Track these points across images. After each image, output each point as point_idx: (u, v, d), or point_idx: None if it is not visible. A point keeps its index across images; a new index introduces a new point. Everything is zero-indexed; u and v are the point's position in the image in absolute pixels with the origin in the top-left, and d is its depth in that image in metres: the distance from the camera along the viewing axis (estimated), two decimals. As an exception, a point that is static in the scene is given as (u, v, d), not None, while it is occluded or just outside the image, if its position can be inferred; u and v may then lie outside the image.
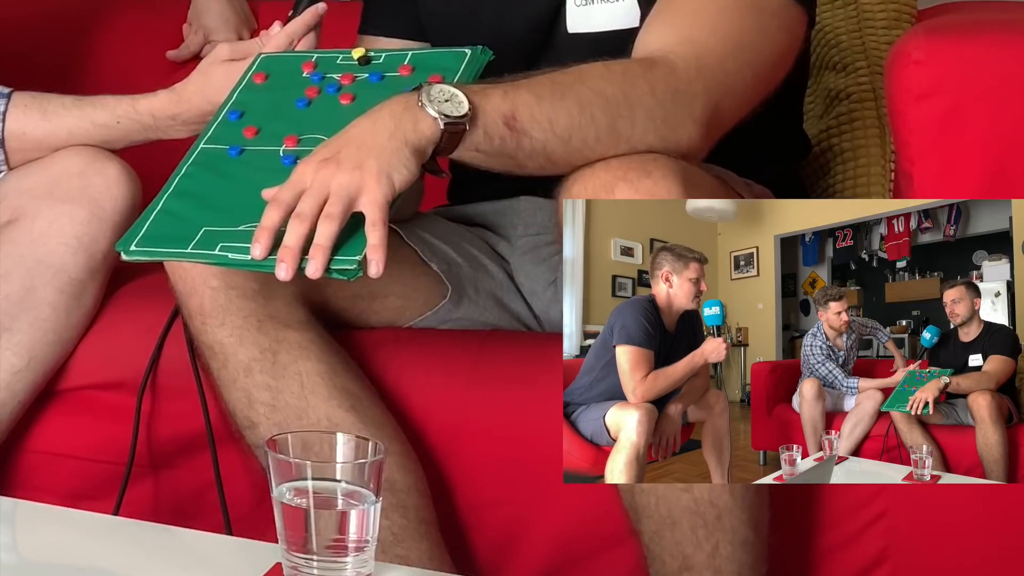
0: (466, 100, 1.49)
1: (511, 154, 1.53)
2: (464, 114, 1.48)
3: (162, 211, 1.60)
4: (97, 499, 1.87)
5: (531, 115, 1.52)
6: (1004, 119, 1.65)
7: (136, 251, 1.57)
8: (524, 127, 1.51)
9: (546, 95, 1.53)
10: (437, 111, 1.47)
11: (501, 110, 1.51)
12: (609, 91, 1.55)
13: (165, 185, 1.64)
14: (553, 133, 1.53)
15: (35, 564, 1.41)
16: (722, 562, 1.59)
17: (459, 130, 1.49)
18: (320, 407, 1.69)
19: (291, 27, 1.83)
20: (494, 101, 1.51)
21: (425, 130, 1.48)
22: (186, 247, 1.55)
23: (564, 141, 1.54)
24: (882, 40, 2.16)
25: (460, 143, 1.50)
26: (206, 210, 1.58)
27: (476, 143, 1.51)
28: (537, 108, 1.52)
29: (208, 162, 1.66)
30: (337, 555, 1.26)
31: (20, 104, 1.87)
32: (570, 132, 1.53)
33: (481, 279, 1.89)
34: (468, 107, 1.48)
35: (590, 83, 1.55)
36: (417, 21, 1.93)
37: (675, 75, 1.58)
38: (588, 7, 1.83)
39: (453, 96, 1.49)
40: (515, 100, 1.52)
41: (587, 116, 1.54)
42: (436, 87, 1.49)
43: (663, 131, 1.57)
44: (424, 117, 1.48)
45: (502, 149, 1.53)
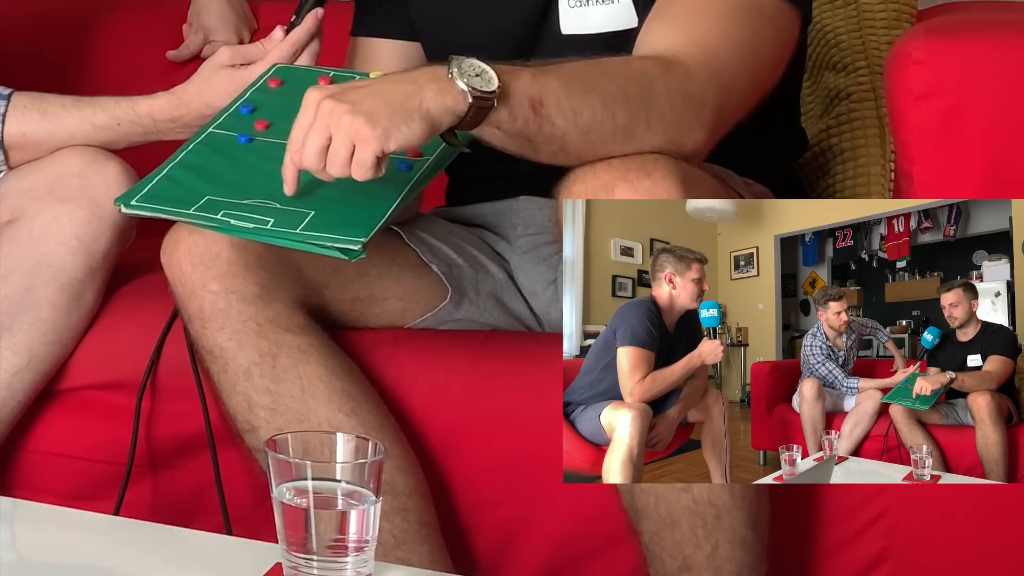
0: (496, 77, 1.48)
1: (530, 137, 1.53)
2: (493, 90, 1.47)
3: (166, 177, 1.60)
4: (97, 499, 1.87)
5: (557, 103, 1.51)
6: (1004, 119, 1.65)
7: (136, 205, 1.56)
8: (549, 113, 1.51)
9: (574, 85, 1.53)
10: (467, 84, 1.47)
11: (529, 92, 1.50)
12: (630, 90, 1.55)
13: (169, 158, 1.63)
14: (575, 124, 1.53)
15: (35, 564, 1.41)
16: (721, 562, 1.59)
17: (487, 105, 1.48)
18: (320, 411, 1.69)
19: (294, 35, 1.83)
20: (523, 83, 1.50)
21: (449, 101, 1.47)
22: (188, 208, 1.54)
23: (584, 134, 1.54)
24: (882, 40, 2.16)
25: (485, 119, 1.49)
26: (211, 182, 1.58)
27: (500, 121, 1.50)
28: (564, 97, 1.52)
29: (216, 143, 1.66)
30: (337, 555, 1.26)
31: (20, 105, 1.87)
32: (591, 126, 1.53)
33: (482, 280, 1.89)
34: (498, 84, 1.48)
35: (615, 80, 1.55)
36: (408, 22, 1.93)
37: (688, 78, 1.58)
38: (582, 8, 1.83)
39: (484, 72, 1.48)
40: (544, 85, 1.51)
41: (609, 113, 1.54)
42: (468, 61, 1.48)
43: (671, 134, 1.57)
44: (452, 88, 1.47)
45: (523, 131, 1.52)
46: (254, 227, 1.51)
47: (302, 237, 1.51)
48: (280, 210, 1.54)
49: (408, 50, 1.94)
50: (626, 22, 1.80)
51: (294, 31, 1.84)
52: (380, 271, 1.81)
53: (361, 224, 1.50)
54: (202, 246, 1.69)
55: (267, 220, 1.53)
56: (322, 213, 1.53)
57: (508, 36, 1.85)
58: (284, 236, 1.52)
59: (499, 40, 1.83)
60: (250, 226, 1.51)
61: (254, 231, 1.51)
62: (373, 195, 1.55)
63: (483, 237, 1.96)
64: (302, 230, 1.51)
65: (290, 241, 1.52)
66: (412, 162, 1.61)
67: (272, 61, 1.82)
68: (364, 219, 1.51)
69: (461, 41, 1.71)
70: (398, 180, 1.59)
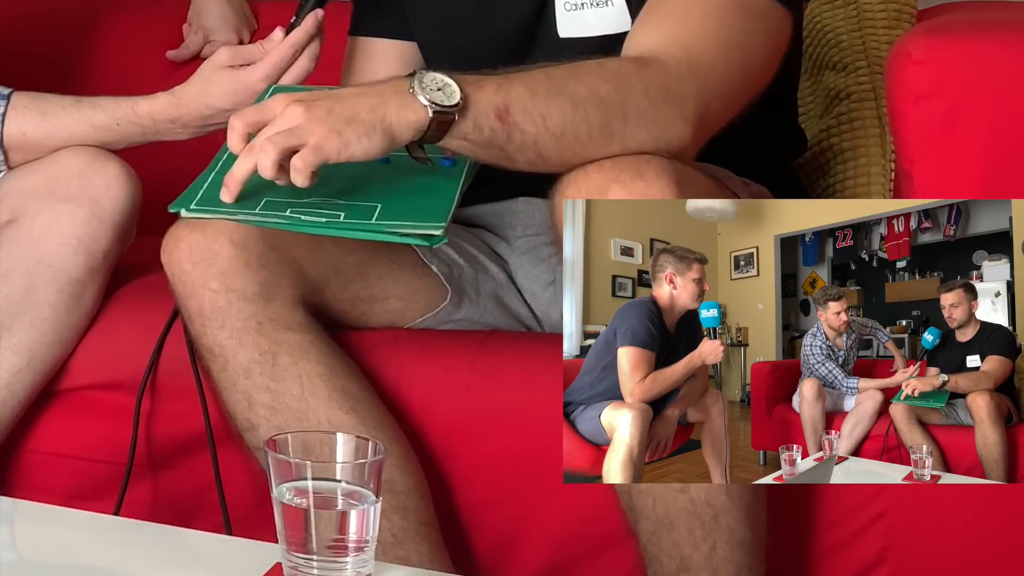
0: (458, 90, 1.49)
1: (501, 146, 1.53)
2: (455, 104, 1.48)
3: (214, 183, 1.58)
4: (97, 499, 1.87)
5: (524, 109, 1.52)
6: (1004, 119, 1.65)
7: (197, 209, 1.54)
8: (516, 120, 1.52)
9: (540, 90, 1.53)
10: (428, 99, 1.48)
11: (494, 101, 1.51)
12: (603, 89, 1.55)
13: (215, 158, 1.62)
14: (546, 128, 1.53)
15: (35, 564, 1.41)
16: (719, 562, 1.60)
17: (448, 119, 1.49)
18: (320, 409, 1.69)
19: (293, 37, 1.83)
20: (487, 92, 1.51)
21: (409, 116, 1.48)
22: (253, 209, 1.53)
23: (556, 137, 1.54)
24: (882, 40, 2.16)
25: (448, 132, 1.50)
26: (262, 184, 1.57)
27: (465, 133, 1.51)
28: (530, 102, 1.52)
29: None
30: (337, 555, 1.26)
31: (19, 105, 1.87)
32: (563, 128, 1.54)
33: (482, 280, 1.89)
34: (460, 97, 1.49)
35: (584, 80, 1.55)
36: (406, 22, 1.93)
37: (667, 74, 1.58)
38: (578, 11, 1.83)
39: (446, 85, 1.49)
40: (509, 93, 1.52)
41: (580, 113, 1.54)
42: (430, 75, 1.49)
43: (654, 131, 1.57)
44: (412, 103, 1.48)
45: (492, 140, 1.53)
46: (327, 221, 1.51)
47: (380, 227, 1.52)
48: (348, 205, 1.54)
49: (406, 50, 1.95)
50: (621, 25, 1.80)
51: (293, 32, 1.83)
52: (380, 271, 1.81)
53: (433, 211, 1.51)
54: (202, 244, 1.69)
55: (338, 214, 1.53)
56: (389, 205, 1.54)
57: (504, 38, 1.85)
58: (361, 228, 1.52)
59: (495, 42, 1.83)
60: (323, 220, 1.51)
61: (327, 225, 1.51)
62: (431, 189, 1.57)
63: (483, 238, 1.96)
64: (377, 220, 1.52)
65: (368, 232, 1.52)
66: (455, 159, 1.63)
67: (272, 62, 1.82)
68: (434, 207, 1.52)
69: (457, 43, 1.71)
70: (448, 174, 1.61)
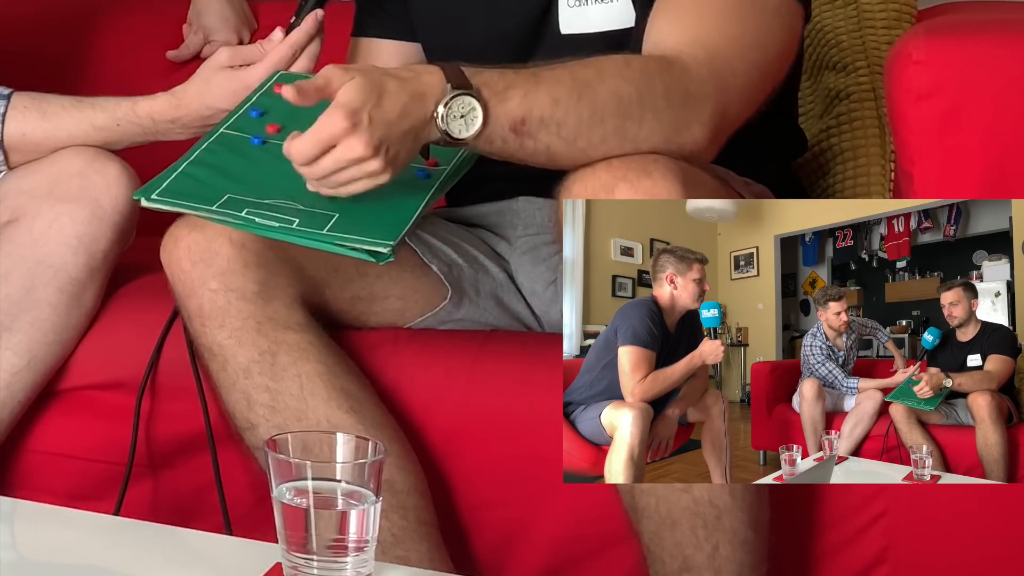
0: (480, 118, 1.50)
1: (512, 153, 1.55)
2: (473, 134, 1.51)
3: (183, 173, 1.59)
4: (97, 499, 1.87)
5: (540, 119, 1.53)
6: (1004, 119, 1.65)
7: (157, 199, 1.56)
8: (530, 130, 1.53)
9: (563, 97, 1.54)
10: (445, 128, 1.50)
11: (512, 116, 1.52)
12: (625, 91, 1.55)
13: (184, 155, 1.63)
14: (559, 136, 1.54)
15: (35, 564, 1.41)
16: (722, 562, 1.59)
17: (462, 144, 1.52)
18: (320, 408, 1.69)
19: (293, 37, 1.83)
20: (509, 107, 1.52)
21: (430, 135, 1.52)
22: (211, 205, 1.54)
23: (568, 143, 1.55)
24: (882, 40, 2.16)
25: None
26: (229, 180, 1.58)
27: (475, 147, 1.54)
28: (548, 112, 1.53)
29: (230, 143, 1.66)
30: (337, 555, 1.26)
31: (19, 105, 1.87)
32: (576, 135, 1.54)
33: (482, 280, 1.89)
34: (479, 127, 1.50)
35: (609, 82, 1.55)
36: (409, 22, 1.94)
37: (688, 77, 1.58)
38: (581, 8, 1.83)
39: (471, 111, 1.50)
40: (532, 105, 1.53)
41: (597, 119, 1.54)
42: (460, 99, 1.50)
43: (669, 133, 1.57)
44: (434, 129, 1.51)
45: (503, 150, 1.55)
46: (279, 226, 1.52)
47: (330, 238, 1.52)
48: (304, 211, 1.54)
49: (408, 50, 1.95)
50: (624, 20, 1.80)
51: (293, 33, 1.83)
52: (380, 270, 1.81)
53: (387, 228, 1.51)
54: (202, 244, 1.69)
55: (292, 220, 1.54)
56: (346, 216, 1.54)
57: (508, 36, 1.85)
58: (311, 236, 1.53)
59: (499, 41, 1.83)
60: (275, 225, 1.51)
61: (279, 230, 1.52)
62: (394, 202, 1.56)
63: (483, 237, 1.96)
64: (329, 231, 1.52)
65: (317, 242, 1.53)
66: (430, 171, 1.63)
67: (272, 62, 1.82)
68: (389, 224, 1.52)
69: (461, 42, 1.71)
70: (418, 187, 1.61)
